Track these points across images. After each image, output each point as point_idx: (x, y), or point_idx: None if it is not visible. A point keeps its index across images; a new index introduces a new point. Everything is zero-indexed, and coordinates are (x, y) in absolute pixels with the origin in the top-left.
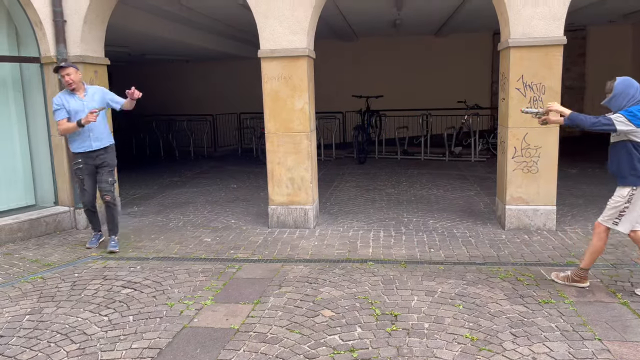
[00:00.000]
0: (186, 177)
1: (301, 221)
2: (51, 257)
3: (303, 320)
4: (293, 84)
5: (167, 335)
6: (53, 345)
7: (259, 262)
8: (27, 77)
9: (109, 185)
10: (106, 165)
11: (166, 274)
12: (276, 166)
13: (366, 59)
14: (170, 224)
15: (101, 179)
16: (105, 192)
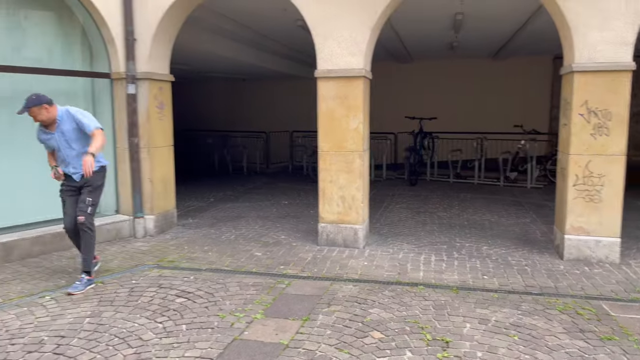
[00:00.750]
0: (239, 192)
1: (351, 240)
2: (111, 263)
3: (352, 340)
4: (348, 104)
5: (218, 346)
6: (111, 349)
7: (308, 279)
8: (98, 91)
9: (85, 205)
10: (87, 186)
11: (218, 286)
12: (328, 184)
13: (420, 80)
14: (223, 236)
15: (80, 197)
16: (78, 213)
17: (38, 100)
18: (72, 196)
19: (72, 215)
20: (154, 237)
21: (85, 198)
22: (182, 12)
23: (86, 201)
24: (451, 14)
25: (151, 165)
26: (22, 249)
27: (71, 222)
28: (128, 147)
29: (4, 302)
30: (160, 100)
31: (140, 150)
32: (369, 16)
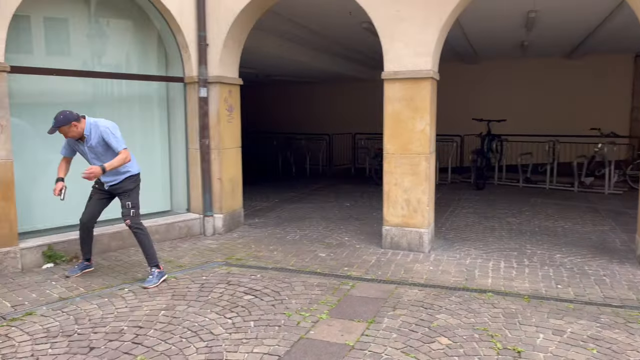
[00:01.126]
0: (302, 193)
1: (415, 244)
2: (182, 260)
3: (418, 345)
4: (415, 106)
5: (285, 343)
6: (184, 341)
7: (373, 281)
8: (172, 95)
9: (127, 209)
10: (121, 191)
11: (284, 285)
12: (392, 187)
13: (488, 81)
14: (288, 236)
15: (120, 204)
16: (124, 217)
17: (65, 119)
18: (100, 198)
19: (93, 212)
20: (222, 235)
21: (125, 203)
22: (251, 18)
23: (127, 205)
24: (524, 12)
25: (220, 166)
26: (102, 243)
27: (89, 219)
28: (199, 149)
29: (87, 293)
30: (230, 103)
31: (211, 152)
32: (438, 16)
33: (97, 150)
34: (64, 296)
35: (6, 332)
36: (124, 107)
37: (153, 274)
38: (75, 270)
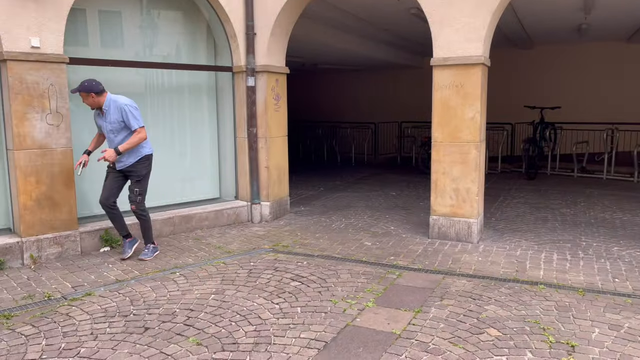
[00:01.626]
0: (347, 182)
1: (464, 234)
2: (231, 246)
3: (467, 335)
4: (465, 93)
5: (331, 330)
6: (234, 324)
7: (419, 271)
8: (220, 84)
9: (134, 195)
10: (134, 175)
11: (330, 272)
12: (440, 176)
13: (542, 67)
14: (333, 225)
15: (129, 187)
16: (130, 201)
17: (88, 87)
18: (115, 177)
19: (110, 192)
20: (269, 222)
21: (134, 189)
22: (298, 6)
23: (135, 192)
24: None
25: (267, 154)
26: (154, 229)
27: (106, 198)
28: (247, 137)
29: (141, 276)
30: (277, 92)
31: (258, 140)
32: (489, 0)
33: (114, 127)
34: (120, 278)
35: (67, 311)
36: (175, 97)
37: (149, 248)
38: (127, 251)
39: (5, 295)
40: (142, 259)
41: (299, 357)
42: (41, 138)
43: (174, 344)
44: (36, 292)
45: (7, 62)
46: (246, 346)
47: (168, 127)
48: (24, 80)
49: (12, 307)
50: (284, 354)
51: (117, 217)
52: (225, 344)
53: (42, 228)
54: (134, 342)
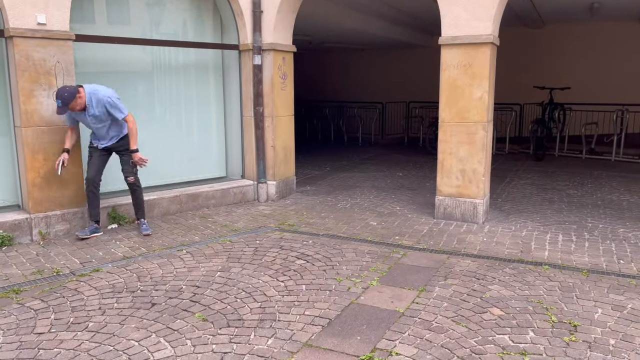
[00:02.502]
0: (354, 162)
1: (469, 215)
2: (237, 224)
3: (470, 314)
4: (473, 72)
5: (336, 308)
6: (239, 301)
7: (424, 251)
8: (227, 62)
9: (130, 167)
10: (121, 149)
11: (335, 251)
12: (447, 156)
13: (552, 46)
14: (339, 204)
15: (121, 162)
16: (127, 175)
17: (71, 94)
18: (100, 155)
19: (97, 170)
20: (275, 201)
21: (128, 161)
22: None
23: (130, 163)
24: None
25: (274, 134)
26: (161, 207)
27: (94, 176)
28: (253, 116)
29: (148, 253)
30: (284, 70)
31: (265, 119)
32: None
33: (100, 118)
34: (127, 255)
35: (75, 286)
36: (181, 75)
37: (145, 223)
38: (86, 232)
39: (15, 271)
40: (146, 234)
41: (303, 333)
42: (48, 115)
43: (180, 319)
44: (45, 267)
45: (14, 38)
46: (251, 322)
47: (174, 105)
48: (30, 57)
49: (21, 282)
50: (289, 330)
51: (97, 198)
52: (230, 320)
53: (50, 205)
54: (141, 317)
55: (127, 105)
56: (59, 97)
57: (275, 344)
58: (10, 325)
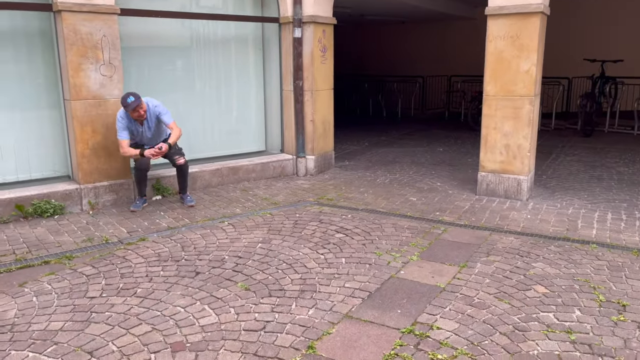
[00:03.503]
0: (393, 137)
1: (513, 192)
2: (277, 197)
3: (513, 291)
4: (520, 44)
5: (375, 281)
6: (280, 272)
7: (465, 227)
8: (267, 35)
9: (179, 150)
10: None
11: (374, 226)
12: (491, 131)
13: (605, 16)
14: (378, 180)
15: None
16: (178, 157)
17: (137, 97)
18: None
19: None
20: (314, 176)
21: (174, 147)
22: None
23: (177, 148)
24: None
25: (313, 108)
26: (203, 179)
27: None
28: (293, 90)
29: (192, 224)
30: (324, 43)
31: (304, 93)
32: None
33: (152, 126)
34: (171, 225)
35: (123, 254)
36: (220, 49)
37: (189, 195)
38: (138, 206)
39: (67, 238)
40: (190, 205)
41: (344, 305)
42: (96, 89)
43: (224, 288)
44: (95, 235)
45: (62, 12)
46: (292, 293)
47: (214, 79)
48: (78, 31)
49: (73, 249)
50: (329, 301)
51: (146, 179)
52: (272, 290)
53: (99, 176)
54: (186, 285)
55: (168, 80)
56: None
57: (316, 314)
58: (64, 290)
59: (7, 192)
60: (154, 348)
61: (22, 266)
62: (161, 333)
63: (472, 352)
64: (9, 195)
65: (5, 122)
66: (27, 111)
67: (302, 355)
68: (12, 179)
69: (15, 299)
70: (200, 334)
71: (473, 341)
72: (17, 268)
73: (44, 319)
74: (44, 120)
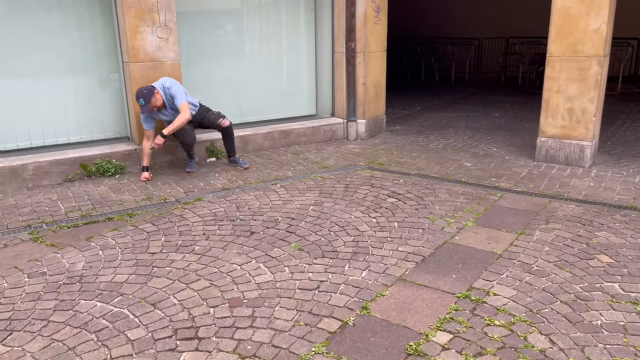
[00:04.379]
0: (446, 101)
1: (575, 158)
2: (328, 161)
3: (574, 260)
4: (590, 0)
5: (429, 246)
6: (333, 234)
7: (523, 194)
8: None
9: (220, 114)
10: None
11: (427, 191)
12: (554, 94)
13: None
14: (431, 145)
15: (209, 119)
16: (223, 119)
17: (149, 91)
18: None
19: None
20: (365, 140)
21: (215, 112)
22: None
23: (216, 113)
24: None
25: (365, 70)
26: (255, 143)
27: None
28: (345, 52)
29: (245, 185)
30: (377, 3)
31: (356, 55)
32: None
33: (172, 106)
34: (225, 187)
35: (181, 213)
36: (271, 10)
37: (241, 158)
38: (194, 167)
39: (128, 197)
40: (244, 167)
41: (397, 268)
42: (152, 51)
43: (278, 248)
44: (153, 195)
45: None
46: (345, 254)
47: (265, 42)
48: None
49: (133, 207)
50: (382, 264)
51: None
52: (325, 251)
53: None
54: (242, 244)
55: (219, 44)
56: (139, 96)
57: (369, 276)
58: (127, 245)
59: (71, 152)
60: (213, 303)
61: (87, 222)
62: (219, 289)
63: (531, 319)
64: (73, 154)
65: (69, 86)
66: (88, 74)
67: (356, 315)
68: (75, 140)
69: (83, 252)
70: (257, 291)
71: (532, 309)
72: (83, 223)
73: (110, 272)
74: (104, 83)
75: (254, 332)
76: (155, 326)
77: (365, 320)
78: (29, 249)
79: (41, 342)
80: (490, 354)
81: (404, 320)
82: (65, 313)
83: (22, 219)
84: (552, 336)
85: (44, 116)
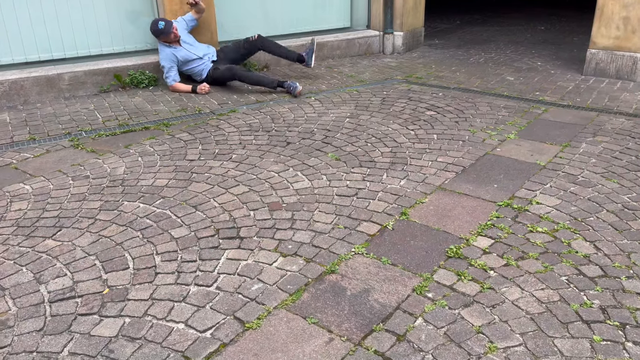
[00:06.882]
0: (487, 16)
1: (626, 71)
2: (363, 75)
3: (623, 172)
4: None
5: (470, 157)
6: (369, 145)
7: (569, 107)
8: None
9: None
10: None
11: (467, 104)
12: (609, 2)
13: None
14: (471, 59)
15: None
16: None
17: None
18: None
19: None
20: (401, 54)
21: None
22: None
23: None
24: None
25: None
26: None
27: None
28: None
29: (279, 98)
30: None
31: None
32: None
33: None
34: (259, 100)
35: (216, 123)
36: None
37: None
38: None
39: (162, 107)
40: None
41: (436, 178)
42: None
43: (314, 157)
44: (187, 106)
45: None
46: (383, 164)
47: None
48: None
49: (169, 117)
50: (421, 174)
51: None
52: (362, 161)
53: None
54: (278, 153)
55: None
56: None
57: (408, 184)
58: (165, 152)
59: (105, 62)
60: (253, 206)
61: (125, 131)
62: (258, 194)
63: (575, 227)
64: (107, 65)
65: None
66: None
67: (395, 220)
68: (108, 51)
69: (123, 158)
70: (295, 197)
71: (577, 217)
72: (120, 132)
73: (150, 176)
74: None
75: (294, 233)
76: (198, 226)
77: (404, 225)
78: (70, 154)
79: (89, 238)
80: (532, 258)
81: (443, 226)
82: (110, 212)
83: (61, 127)
84: (597, 243)
85: (76, 27)
